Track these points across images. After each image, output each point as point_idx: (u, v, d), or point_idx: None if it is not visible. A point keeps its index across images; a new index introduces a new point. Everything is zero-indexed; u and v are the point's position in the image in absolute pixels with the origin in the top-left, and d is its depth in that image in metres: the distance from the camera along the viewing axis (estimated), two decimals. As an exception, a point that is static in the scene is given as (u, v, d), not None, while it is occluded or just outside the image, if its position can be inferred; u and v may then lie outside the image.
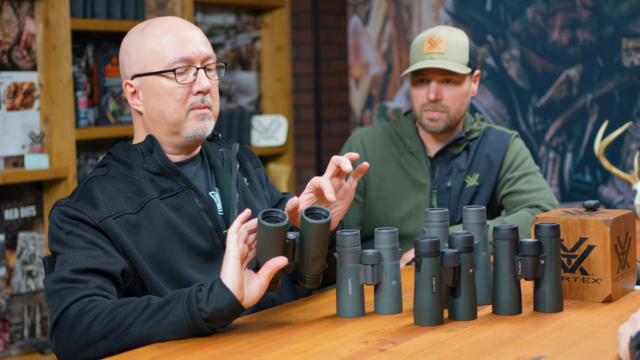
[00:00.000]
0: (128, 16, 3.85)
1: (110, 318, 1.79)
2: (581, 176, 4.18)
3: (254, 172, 2.26)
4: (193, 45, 2.04)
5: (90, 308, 1.82)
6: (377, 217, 2.90)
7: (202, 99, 2.05)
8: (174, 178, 2.05)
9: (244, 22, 4.63)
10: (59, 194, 3.56)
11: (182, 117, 2.04)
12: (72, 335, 1.82)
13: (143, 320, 1.78)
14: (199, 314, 1.75)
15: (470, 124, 2.92)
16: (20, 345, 3.53)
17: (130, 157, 2.06)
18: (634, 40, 4.03)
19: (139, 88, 2.06)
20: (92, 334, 1.80)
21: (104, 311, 1.80)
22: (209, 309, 1.75)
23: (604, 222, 1.96)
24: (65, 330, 1.83)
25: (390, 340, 1.74)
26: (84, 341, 1.81)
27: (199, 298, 1.76)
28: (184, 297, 1.77)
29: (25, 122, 3.54)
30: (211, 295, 1.75)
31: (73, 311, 1.82)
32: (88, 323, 1.80)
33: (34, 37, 3.57)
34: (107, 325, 1.79)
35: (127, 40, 2.09)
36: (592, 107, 4.14)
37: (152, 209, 2.00)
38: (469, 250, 1.86)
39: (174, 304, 1.77)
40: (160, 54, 2.03)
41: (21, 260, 3.55)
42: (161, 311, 1.78)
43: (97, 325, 1.79)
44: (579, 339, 1.72)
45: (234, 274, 1.75)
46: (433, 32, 2.81)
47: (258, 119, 4.60)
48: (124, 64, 2.08)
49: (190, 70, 2.04)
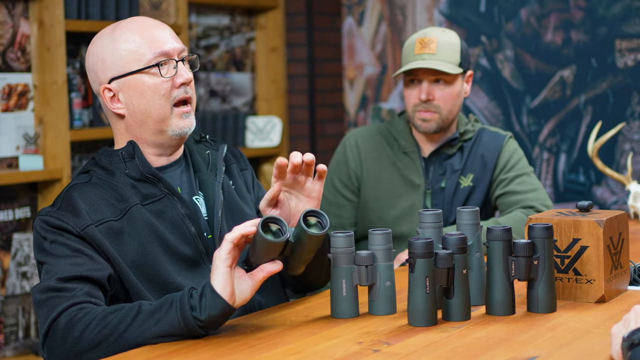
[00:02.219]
0: (122, 18, 3.85)
1: (102, 326, 1.79)
2: (575, 177, 4.19)
3: (239, 174, 2.24)
4: (167, 41, 2.04)
5: (81, 316, 1.81)
6: (371, 217, 2.90)
7: (185, 90, 2.05)
8: (155, 184, 2.03)
9: (238, 23, 4.63)
10: (53, 195, 3.56)
11: (167, 113, 2.03)
12: (64, 345, 1.81)
13: (135, 327, 1.78)
14: (193, 321, 1.76)
15: (464, 124, 2.92)
16: (14, 347, 3.52)
17: (112, 163, 2.04)
18: (627, 41, 4.04)
19: (118, 90, 2.04)
20: (85, 342, 1.80)
21: (95, 319, 1.80)
22: (203, 317, 1.76)
23: (597, 223, 1.97)
24: (57, 340, 1.82)
25: (384, 341, 1.74)
26: (77, 350, 1.80)
27: (193, 306, 1.76)
28: (176, 304, 1.77)
29: (20, 123, 3.54)
30: (203, 302, 1.75)
31: (63, 320, 1.82)
32: (80, 332, 1.80)
33: (28, 38, 3.57)
34: (99, 334, 1.79)
35: (96, 46, 2.07)
36: (585, 108, 4.15)
37: (134, 216, 1.99)
38: (463, 251, 1.86)
39: (167, 310, 1.77)
40: (137, 52, 2.02)
41: (16, 261, 3.55)
42: (153, 317, 1.78)
43: (90, 334, 1.79)
44: (573, 339, 1.73)
45: (225, 282, 1.75)
46: (424, 33, 2.82)
47: (252, 120, 4.60)
48: (97, 70, 2.05)
49: (170, 63, 2.04)
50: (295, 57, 4.77)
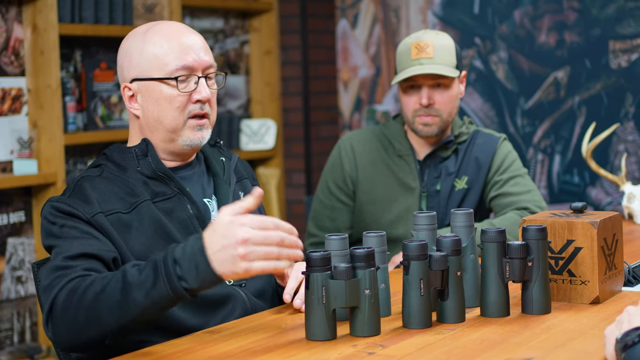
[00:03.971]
0: (116, 21, 3.85)
1: (92, 296, 1.78)
2: (569, 178, 4.20)
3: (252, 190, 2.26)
4: (195, 53, 2.02)
5: (76, 288, 1.80)
6: (367, 220, 2.90)
7: (200, 107, 2.04)
8: (167, 182, 2.04)
9: (232, 26, 4.63)
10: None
11: (179, 124, 2.03)
12: (64, 320, 1.81)
13: (124, 298, 1.76)
14: (184, 293, 1.72)
15: (458, 127, 2.92)
16: (10, 351, 3.52)
17: (124, 160, 2.05)
18: (621, 42, 4.05)
19: (137, 92, 2.05)
20: (83, 312, 1.78)
21: (88, 287, 1.79)
22: (195, 285, 1.72)
23: (591, 224, 1.97)
24: (57, 316, 1.82)
25: (379, 344, 1.74)
26: (79, 322, 1.79)
27: (180, 276, 1.71)
28: (162, 277, 1.72)
29: (14, 127, 3.54)
30: (198, 274, 1.71)
31: (62, 295, 1.82)
32: (76, 303, 1.79)
33: (21, 42, 3.56)
34: (93, 303, 1.77)
35: (128, 42, 2.07)
36: (579, 109, 4.16)
37: (143, 211, 1.99)
38: (457, 253, 1.86)
39: (154, 281, 1.73)
40: (162, 60, 2.01)
41: (10, 266, 3.55)
42: (141, 289, 1.75)
43: (85, 302, 1.78)
44: (567, 341, 1.73)
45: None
46: (418, 37, 2.81)
47: (247, 123, 4.60)
48: (124, 66, 2.06)
49: (191, 78, 2.02)
50: (290, 59, 4.77)
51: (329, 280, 1.75)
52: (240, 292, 2.05)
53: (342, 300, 1.75)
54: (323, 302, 1.75)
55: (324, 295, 1.75)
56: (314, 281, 1.75)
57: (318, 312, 1.75)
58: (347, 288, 1.75)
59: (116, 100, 3.91)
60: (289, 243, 1.69)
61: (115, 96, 3.91)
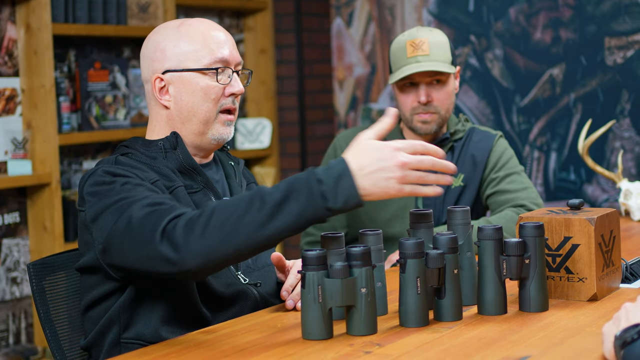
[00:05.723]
0: (110, 20, 3.84)
1: (227, 213, 1.73)
2: (566, 175, 4.19)
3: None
4: (230, 48, 2.07)
5: (197, 215, 1.74)
6: (363, 219, 2.89)
7: (233, 101, 2.08)
8: (193, 177, 2.05)
9: (226, 25, 4.62)
10: (42, 200, 3.54)
11: (212, 116, 2.05)
12: (192, 230, 1.73)
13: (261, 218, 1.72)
14: (326, 213, 1.71)
15: (454, 124, 2.92)
16: (5, 353, 3.51)
17: (150, 152, 2.05)
18: (616, 38, 4.04)
19: (170, 83, 2.06)
20: (216, 233, 1.72)
21: (214, 210, 1.74)
22: (338, 206, 1.71)
23: (588, 221, 1.96)
24: (180, 228, 1.74)
25: (376, 342, 1.74)
26: (212, 242, 1.72)
27: (324, 196, 1.69)
28: (307, 196, 1.69)
29: (8, 128, 3.53)
30: (344, 194, 1.69)
31: (184, 218, 1.75)
32: (206, 219, 1.73)
33: (15, 42, 3.55)
34: (226, 217, 1.72)
35: (159, 35, 2.08)
36: (575, 106, 4.15)
37: (180, 196, 1.99)
38: (454, 251, 1.86)
39: (300, 200, 1.70)
40: (199, 53, 2.04)
41: (5, 267, 3.54)
42: (280, 208, 1.71)
43: (217, 219, 1.73)
44: (565, 338, 1.72)
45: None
46: (412, 34, 2.81)
47: (242, 122, 4.59)
48: (155, 58, 2.06)
49: (226, 71, 2.06)
50: (285, 58, 4.76)
51: (325, 279, 1.74)
52: (254, 291, 2.06)
53: (339, 299, 1.74)
54: (319, 301, 1.74)
55: (320, 294, 1.74)
56: (310, 280, 1.74)
57: (314, 311, 1.74)
58: (343, 287, 1.74)
59: (110, 100, 3.90)
60: (440, 166, 1.74)
61: (110, 96, 3.90)
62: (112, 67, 3.92)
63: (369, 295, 1.76)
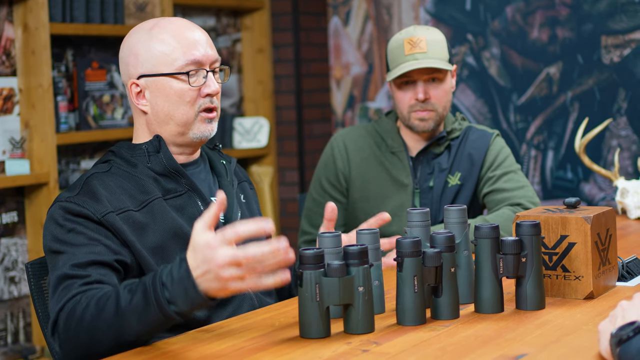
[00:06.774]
0: (107, 20, 3.84)
1: (97, 311, 1.78)
2: (563, 173, 4.20)
3: (251, 192, 2.28)
4: (203, 48, 2.05)
5: (74, 309, 1.81)
6: (360, 217, 2.90)
7: (210, 100, 2.07)
8: (177, 180, 2.05)
9: (224, 25, 4.62)
10: (40, 200, 3.54)
11: (190, 118, 2.05)
12: (67, 340, 1.81)
13: (119, 320, 1.76)
14: (176, 316, 1.73)
15: (451, 123, 2.92)
16: (3, 352, 3.51)
17: (134, 156, 2.05)
18: (613, 37, 4.05)
19: (145, 88, 2.05)
20: (83, 334, 1.79)
21: (85, 310, 1.79)
22: (185, 309, 1.72)
23: (585, 219, 1.97)
24: (61, 334, 1.82)
25: (373, 341, 1.74)
26: (80, 343, 1.80)
27: (170, 300, 1.71)
28: (152, 302, 1.72)
29: (6, 127, 3.53)
30: (187, 298, 1.71)
31: (64, 316, 1.82)
32: (75, 326, 1.79)
33: (13, 42, 3.55)
34: (91, 326, 1.78)
35: (133, 39, 2.07)
36: (572, 105, 4.16)
37: (155, 209, 1.99)
38: (451, 250, 1.86)
39: (144, 306, 1.74)
40: (171, 56, 2.02)
41: (3, 266, 3.54)
42: (134, 314, 1.75)
43: (84, 325, 1.78)
44: (561, 336, 1.73)
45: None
46: (409, 32, 2.81)
47: (240, 121, 4.59)
48: (129, 63, 2.06)
49: (200, 72, 2.05)
50: (282, 57, 4.76)
51: (322, 277, 1.74)
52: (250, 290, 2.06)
53: (336, 298, 1.75)
54: (317, 299, 1.74)
55: (317, 292, 1.74)
56: (308, 279, 1.74)
57: (312, 309, 1.75)
58: (340, 285, 1.74)
59: (108, 100, 3.90)
60: (267, 255, 1.63)
61: (107, 95, 3.90)
62: (110, 67, 3.92)
63: (366, 293, 1.76)
